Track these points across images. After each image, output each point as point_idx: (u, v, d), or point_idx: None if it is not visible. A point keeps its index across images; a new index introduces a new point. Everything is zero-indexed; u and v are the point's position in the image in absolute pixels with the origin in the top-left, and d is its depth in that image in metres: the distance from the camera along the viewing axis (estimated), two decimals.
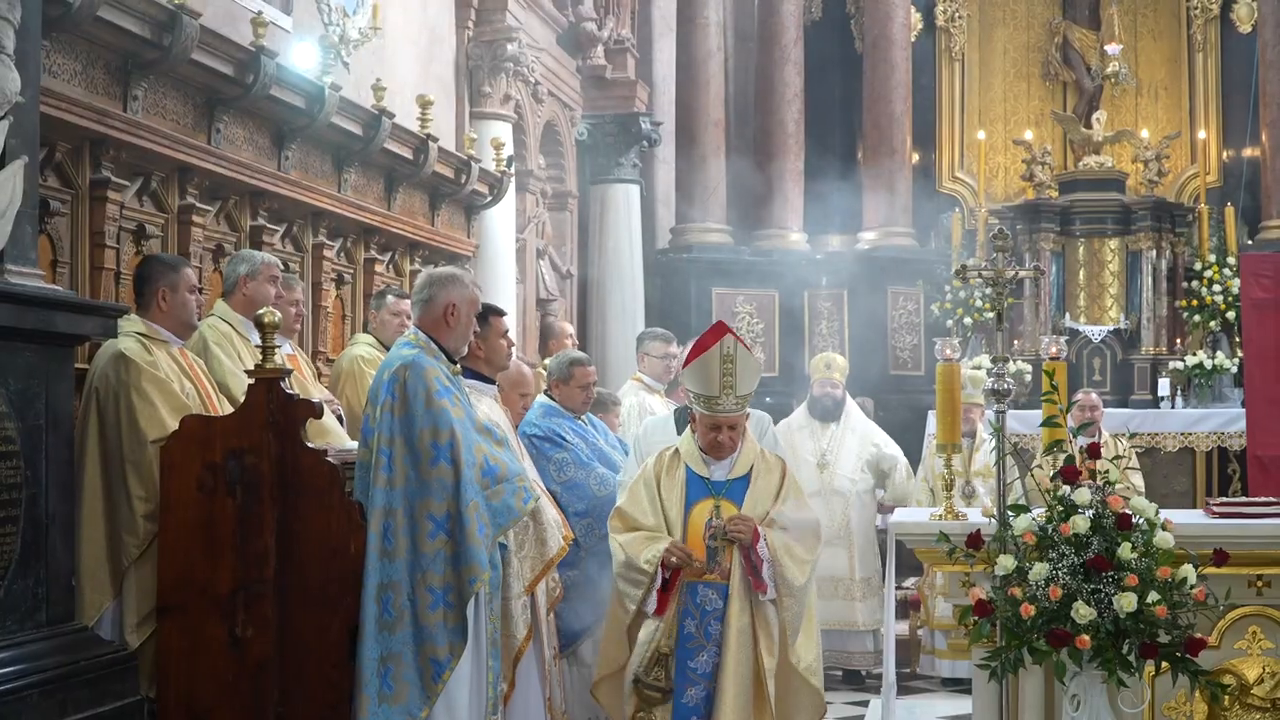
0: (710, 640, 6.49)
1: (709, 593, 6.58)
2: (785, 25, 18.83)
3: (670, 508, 6.71)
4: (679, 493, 6.74)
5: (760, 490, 6.76)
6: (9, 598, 5.11)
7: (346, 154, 11.23)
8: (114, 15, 7.91)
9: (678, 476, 6.77)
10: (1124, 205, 17.80)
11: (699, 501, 6.70)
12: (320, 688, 6.20)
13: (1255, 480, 11.37)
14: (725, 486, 6.74)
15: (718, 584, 6.56)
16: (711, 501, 6.69)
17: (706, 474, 6.75)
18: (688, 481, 6.75)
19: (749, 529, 6.50)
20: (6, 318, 5.10)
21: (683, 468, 6.78)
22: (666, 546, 6.49)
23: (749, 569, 6.52)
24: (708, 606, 6.54)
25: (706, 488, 6.73)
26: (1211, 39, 19.12)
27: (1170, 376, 17.08)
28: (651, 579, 6.49)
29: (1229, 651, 6.79)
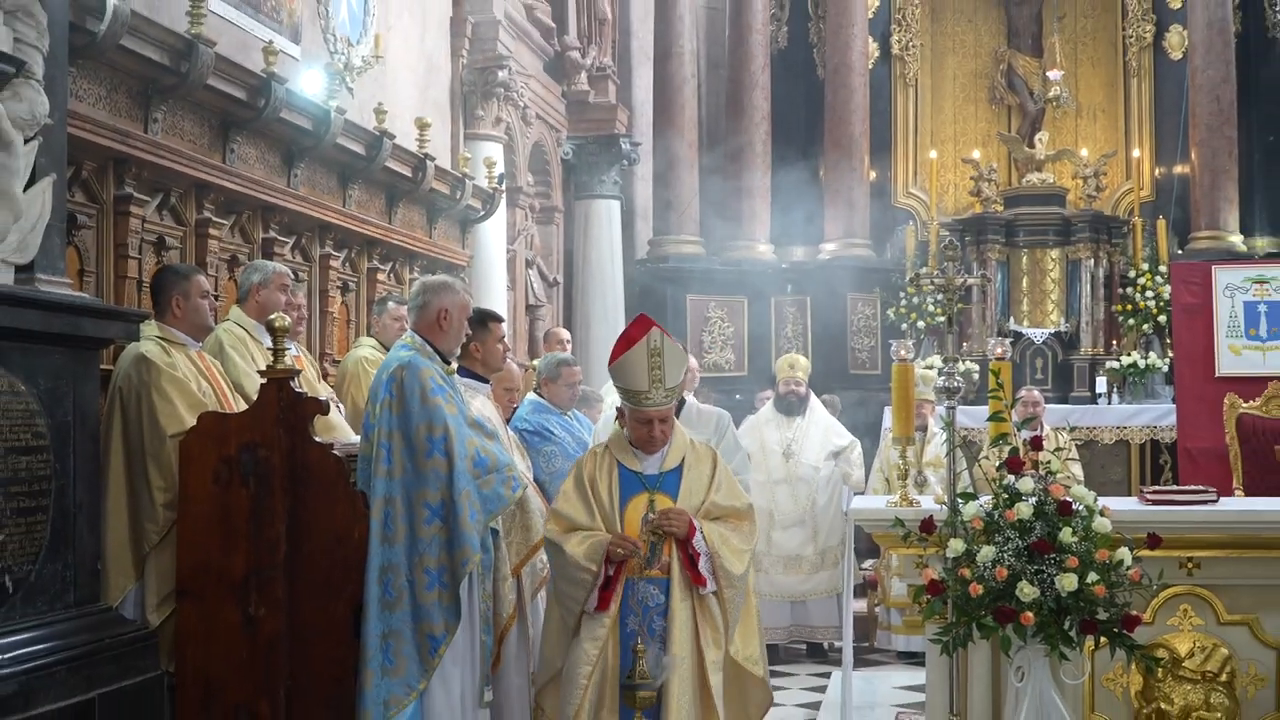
0: (654, 637, 6.01)
1: (650, 589, 6.08)
2: (753, 54, 18.82)
3: (605, 504, 6.14)
4: (613, 489, 6.19)
5: (693, 481, 6.29)
6: (40, 580, 5.10)
7: (351, 172, 11.24)
8: (135, 44, 7.91)
9: (610, 473, 6.23)
10: (1064, 218, 17.81)
11: (633, 496, 6.17)
12: (327, 663, 6.19)
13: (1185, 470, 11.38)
14: (659, 480, 6.23)
15: (658, 579, 6.07)
16: (646, 496, 6.16)
17: (639, 468, 6.22)
18: (621, 477, 6.21)
19: (683, 522, 6.05)
20: (37, 322, 5.09)
21: (614, 463, 6.24)
22: (611, 540, 5.99)
23: (686, 562, 6.09)
24: (649, 603, 6.07)
25: (640, 482, 6.20)
26: (1145, 65, 19.14)
27: (1107, 375, 17.09)
28: (595, 576, 5.96)
29: (1162, 627, 6.78)
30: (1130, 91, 19.30)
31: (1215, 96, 18.07)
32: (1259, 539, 6.78)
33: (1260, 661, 6.75)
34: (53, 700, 4.93)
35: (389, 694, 6.03)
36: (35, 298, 5.11)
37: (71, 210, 7.37)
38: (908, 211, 19.20)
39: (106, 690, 5.25)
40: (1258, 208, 18.33)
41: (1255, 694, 6.75)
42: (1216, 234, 17.92)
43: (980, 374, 15.28)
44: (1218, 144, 18.07)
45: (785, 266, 18.80)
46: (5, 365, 4.95)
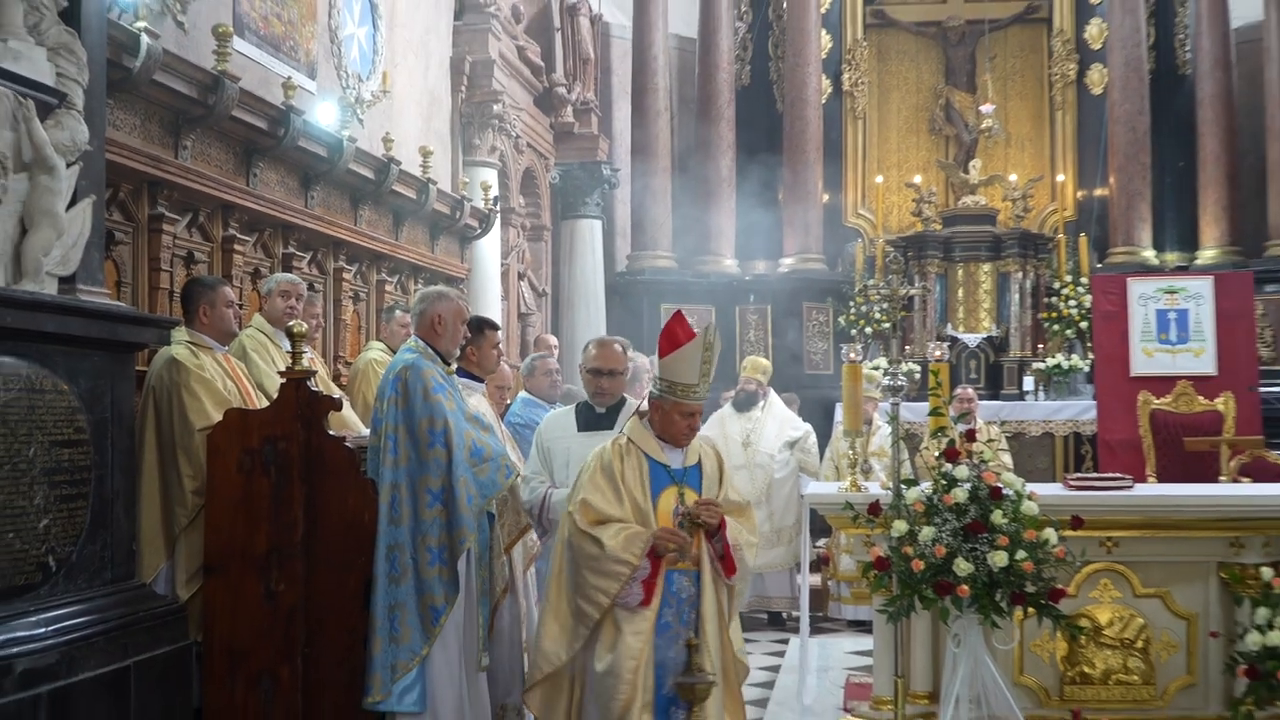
0: (686, 627, 5.57)
1: (683, 580, 5.59)
2: (720, 90, 18.85)
3: (638, 497, 5.61)
4: (644, 482, 5.65)
5: (709, 476, 5.89)
6: (80, 560, 5.06)
7: (361, 194, 11.23)
8: (167, 79, 7.89)
9: (639, 466, 5.68)
10: (995, 236, 17.82)
11: (664, 490, 5.68)
12: (340, 632, 6.16)
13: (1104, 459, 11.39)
14: (684, 474, 5.74)
15: (690, 571, 5.59)
16: (675, 489, 5.68)
17: (667, 462, 5.72)
18: (651, 470, 5.68)
19: (718, 514, 5.66)
20: (78, 328, 5.06)
21: (642, 457, 5.69)
22: (657, 534, 5.51)
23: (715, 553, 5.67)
24: (683, 594, 5.60)
25: (669, 475, 5.70)
26: (1069, 100, 19.18)
27: (1033, 375, 17.09)
28: (633, 570, 5.43)
29: (1084, 599, 6.79)
30: (1055, 123, 19.36)
31: (1131, 127, 18.13)
32: (1170, 520, 6.78)
33: (1172, 630, 6.76)
34: (92, 668, 4.90)
35: (395, 659, 6.01)
36: (77, 306, 5.08)
37: (109, 228, 7.34)
38: (857, 230, 19.20)
39: (140, 658, 5.22)
40: (1169, 226, 18.36)
41: (1168, 659, 6.76)
42: (1132, 249, 17.97)
43: (921, 374, 15.27)
44: (1133, 169, 18.14)
45: (748, 279, 18.82)
46: (49, 367, 4.92)
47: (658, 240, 18.75)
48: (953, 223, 18.06)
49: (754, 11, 19.59)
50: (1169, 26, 18.80)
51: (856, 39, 19.58)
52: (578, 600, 5.50)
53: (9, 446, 4.67)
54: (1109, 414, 11.42)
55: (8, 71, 4.72)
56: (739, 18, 19.44)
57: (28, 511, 4.76)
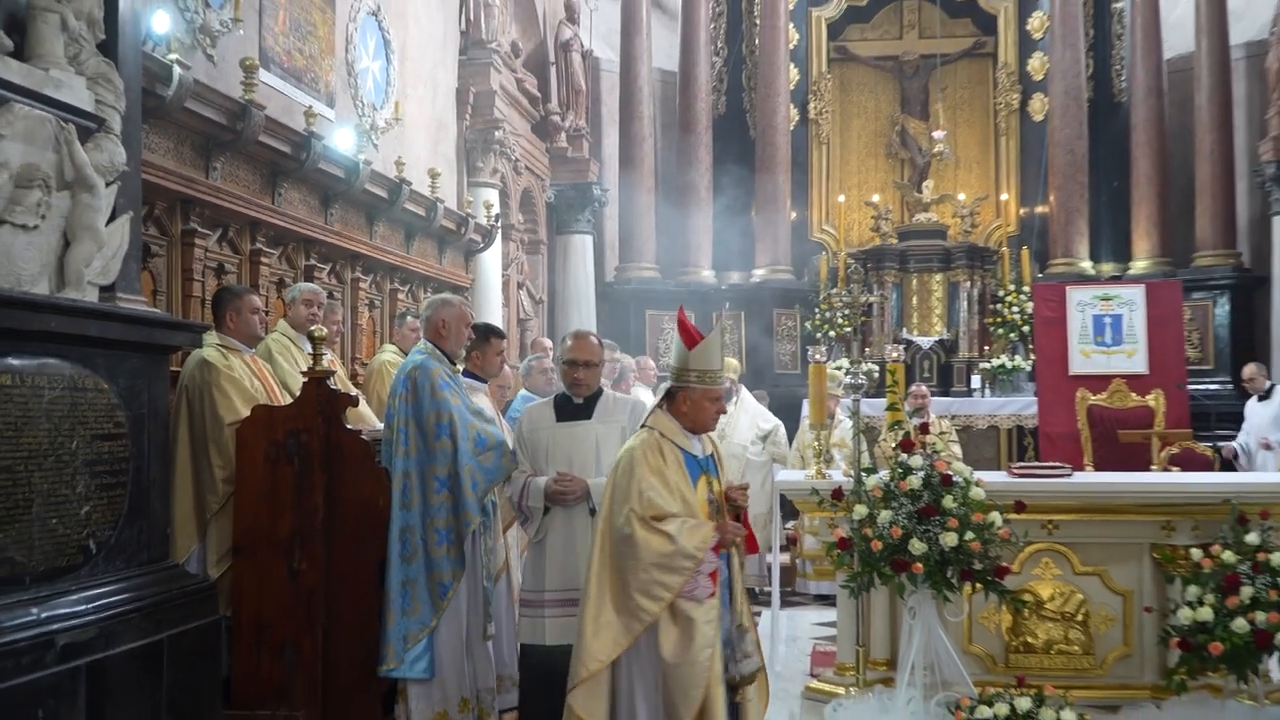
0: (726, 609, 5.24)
1: (721, 564, 5.24)
2: (699, 118, 18.83)
3: (683, 489, 5.21)
4: (684, 473, 5.26)
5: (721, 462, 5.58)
6: (119, 543, 5.03)
7: (376, 212, 11.22)
8: (198, 106, 7.88)
9: (676, 459, 5.28)
10: (946, 249, 17.80)
11: (699, 479, 5.31)
12: (356, 607, 6.15)
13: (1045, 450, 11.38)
14: (707, 461, 5.42)
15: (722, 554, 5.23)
16: (705, 477, 5.34)
17: (696, 452, 5.38)
18: (685, 461, 5.30)
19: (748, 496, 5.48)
20: (118, 333, 5.03)
21: (676, 449, 5.30)
22: (719, 526, 5.19)
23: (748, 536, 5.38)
24: (720, 578, 5.23)
25: (698, 465, 5.35)
26: (1012, 126, 19.18)
27: (980, 374, 17.09)
28: (700, 564, 5.05)
29: (1027, 576, 6.77)
30: (1000, 147, 19.36)
31: (1070, 150, 18.14)
32: (1106, 505, 6.77)
33: (1110, 605, 6.75)
34: (129, 641, 4.87)
35: (407, 630, 6.02)
36: (116, 312, 5.05)
37: (146, 241, 7.32)
38: (821, 244, 19.18)
39: (173, 632, 5.19)
40: (1104, 239, 18.37)
41: (1106, 631, 6.74)
42: (1070, 261, 17.96)
43: (879, 373, 15.23)
44: (1071, 188, 18.13)
45: (724, 288, 18.79)
46: (91, 367, 4.89)
47: (642, 253, 18.74)
48: (907, 237, 18.05)
49: (729, 47, 19.57)
50: (1106, 58, 18.81)
51: (821, 72, 19.57)
52: (637, 598, 5.04)
53: (54, 440, 4.64)
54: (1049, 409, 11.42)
55: (51, 98, 4.70)
56: (716, 53, 19.42)
57: (70, 499, 4.73)
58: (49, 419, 4.62)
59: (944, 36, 19.30)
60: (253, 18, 9.55)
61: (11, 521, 4.41)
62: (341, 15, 11.21)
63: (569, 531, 5.98)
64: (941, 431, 11.58)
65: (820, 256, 18.83)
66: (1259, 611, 6.08)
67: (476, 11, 14.50)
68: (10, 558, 4.40)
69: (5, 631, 4.27)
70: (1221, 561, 6.26)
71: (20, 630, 4.33)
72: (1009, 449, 15.92)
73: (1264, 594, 6.11)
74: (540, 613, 5.98)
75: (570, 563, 5.91)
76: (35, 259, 4.65)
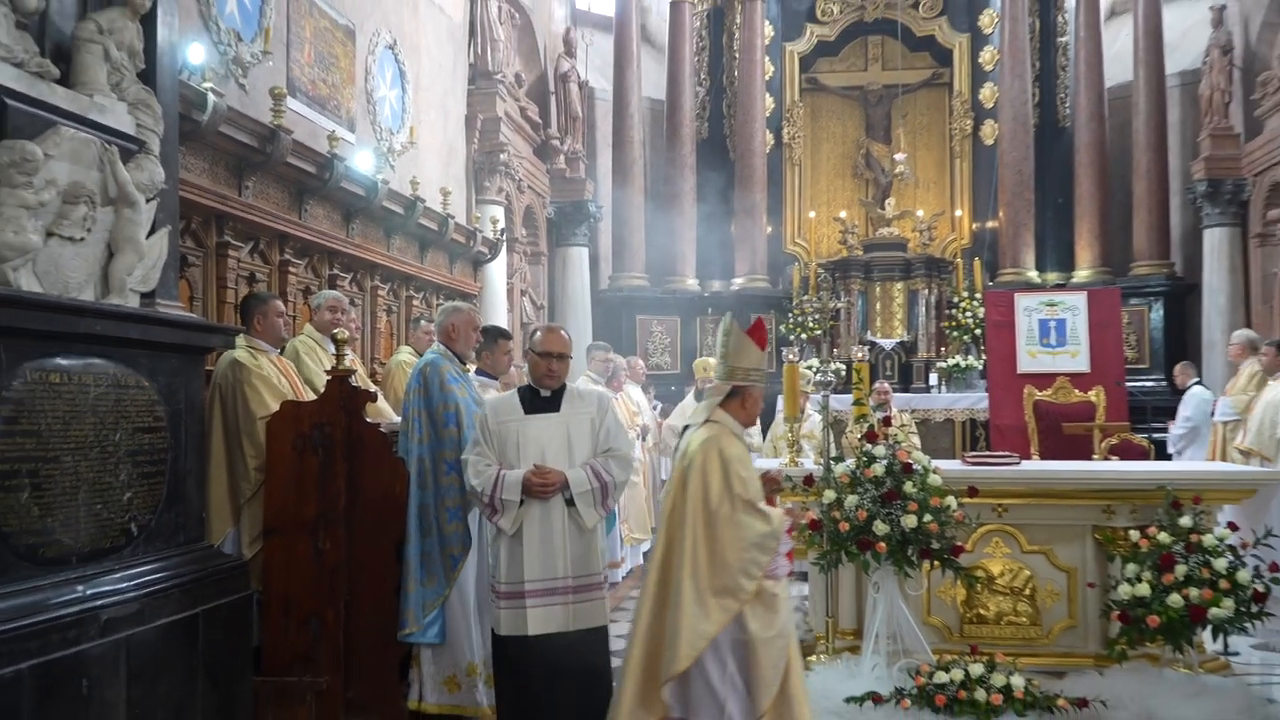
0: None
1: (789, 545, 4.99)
2: (684, 141, 18.84)
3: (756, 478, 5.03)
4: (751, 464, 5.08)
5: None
6: (158, 526, 4.99)
7: (393, 226, 11.21)
8: (231, 130, 7.87)
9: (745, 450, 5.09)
10: (906, 260, 17.80)
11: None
12: (375, 583, 6.11)
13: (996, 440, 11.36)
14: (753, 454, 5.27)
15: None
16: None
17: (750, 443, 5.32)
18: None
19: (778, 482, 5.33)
20: (158, 335, 5.00)
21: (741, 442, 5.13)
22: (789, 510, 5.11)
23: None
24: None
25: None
26: (966, 149, 19.19)
27: (937, 372, 17.11)
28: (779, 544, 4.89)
29: (980, 554, 6.75)
30: (954, 168, 19.37)
31: (1018, 171, 18.17)
32: (1051, 490, 6.75)
33: (1055, 581, 6.73)
34: (167, 615, 4.84)
35: (424, 598, 6.02)
36: (156, 317, 5.01)
37: (183, 253, 7.30)
38: (794, 255, 19.18)
39: (208, 606, 5.15)
40: (1049, 251, 18.40)
41: (1052, 605, 6.73)
42: (1018, 270, 18.00)
43: (846, 372, 15.20)
44: (1019, 205, 18.17)
45: (706, 295, 18.81)
46: (133, 367, 4.85)
47: (633, 263, 18.76)
48: (871, 249, 18.05)
49: (711, 78, 19.56)
50: (1051, 87, 18.83)
51: (794, 101, 19.56)
52: (739, 578, 4.80)
53: (99, 433, 4.61)
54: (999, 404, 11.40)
55: (95, 122, 4.66)
56: (699, 84, 19.42)
57: (114, 486, 4.69)
58: (94, 413, 4.58)
59: (904, 69, 19.34)
60: (281, 50, 9.53)
61: (60, 507, 4.38)
62: (361, 48, 11.18)
63: (547, 522, 5.47)
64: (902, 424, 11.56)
65: (793, 266, 18.85)
66: (1192, 588, 6.07)
67: (484, 45, 14.51)
68: (58, 540, 4.37)
69: (53, 607, 4.23)
70: (1157, 542, 6.25)
71: (67, 606, 4.30)
72: (963, 440, 15.94)
73: (1196, 572, 6.10)
74: (520, 604, 5.42)
75: (549, 553, 5.44)
76: (82, 268, 4.62)
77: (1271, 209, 15.82)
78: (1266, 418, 10.16)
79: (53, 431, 4.34)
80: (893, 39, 19.22)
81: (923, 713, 6.07)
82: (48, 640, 4.15)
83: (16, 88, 4.29)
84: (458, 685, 6.12)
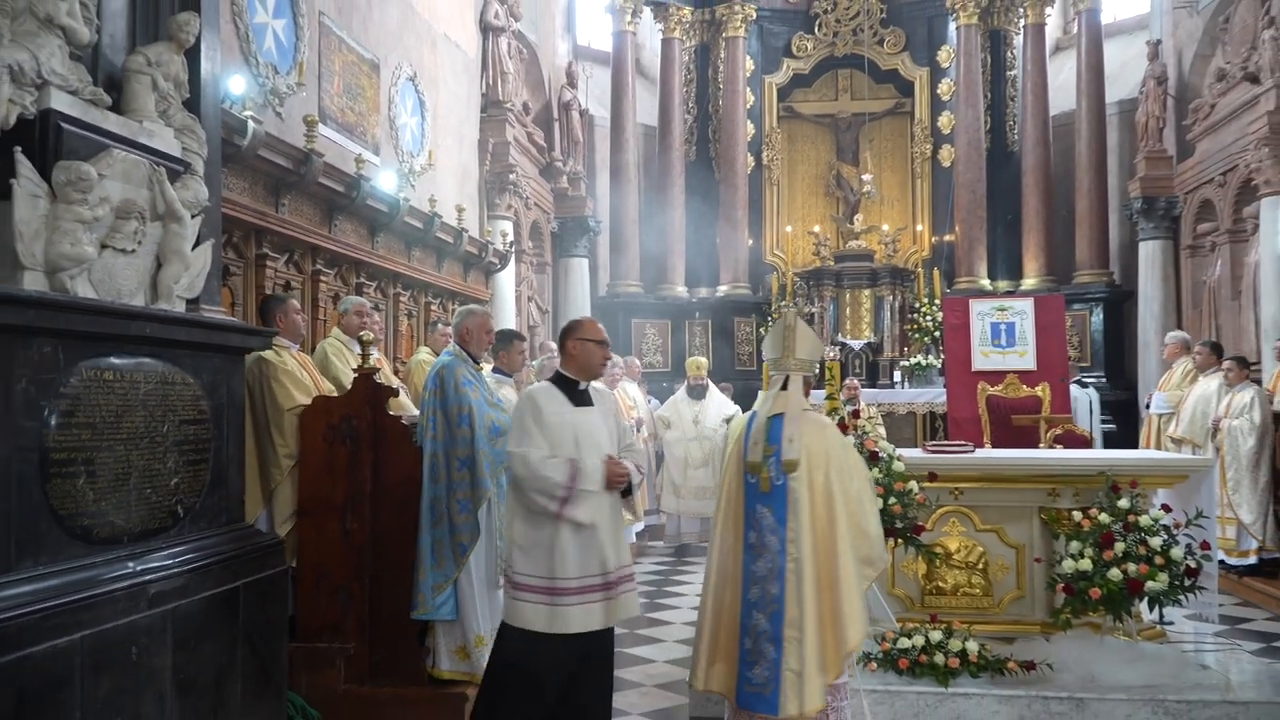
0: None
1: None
2: (674, 163, 18.85)
3: None
4: None
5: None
6: (202, 508, 4.97)
7: (413, 239, 11.19)
8: (268, 154, 7.85)
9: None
10: (873, 270, 17.82)
11: None
12: (397, 559, 6.10)
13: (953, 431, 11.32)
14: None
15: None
16: None
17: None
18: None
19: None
20: (202, 337, 4.97)
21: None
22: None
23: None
24: None
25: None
26: (926, 171, 19.21)
27: (901, 370, 17.13)
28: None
29: (938, 533, 6.73)
30: (915, 187, 19.39)
31: (972, 190, 18.20)
32: (1002, 475, 6.74)
33: (1005, 556, 6.71)
34: (211, 588, 4.81)
35: (435, 581, 5.98)
36: (200, 321, 4.99)
37: (225, 263, 7.28)
38: (773, 265, 19.19)
39: (248, 580, 5.12)
40: (1000, 261, 18.42)
41: (1003, 578, 6.71)
42: (972, 279, 18.03)
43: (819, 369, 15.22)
44: (973, 221, 18.19)
45: (694, 300, 18.80)
46: (179, 365, 4.82)
47: (629, 272, 18.75)
48: (842, 260, 18.07)
49: (698, 107, 19.55)
50: (1001, 116, 18.85)
51: (772, 127, 19.56)
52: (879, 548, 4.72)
53: (149, 425, 4.58)
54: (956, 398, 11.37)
55: (144, 145, 4.64)
56: (687, 112, 19.42)
57: (162, 473, 4.67)
58: (144, 407, 4.56)
59: (871, 99, 19.35)
60: (313, 82, 9.52)
61: (114, 491, 4.35)
62: (385, 80, 11.17)
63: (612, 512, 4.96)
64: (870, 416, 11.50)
65: (772, 275, 18.86)
66: (1130, 563, 6.06)
67: (495, 78, 14.51)
68: (111, 521, 4.34)
69: (106, 582, 4.21)
70: (1098, 522, 6.24)
71: (118, 581, 4.27)
72: (924, 430, 15.96)
73: (1134, 549, 6.10)
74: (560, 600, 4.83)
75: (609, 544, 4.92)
76: (133, 277, 4.59)
77: (1201, 224, 15.85)
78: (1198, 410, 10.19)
79: (106, 424, 4.32)
80: (861, 72, 19.23)
81: (887, 675, 6.06)
82: (100, 612, 4.13)
83: (72, 113, 4.28)
84: (466, 655, 6.11)
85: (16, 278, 4.00)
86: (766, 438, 4.79)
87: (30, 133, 4.11)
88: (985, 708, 5.90)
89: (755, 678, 4.53)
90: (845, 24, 19.47)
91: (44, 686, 3.81)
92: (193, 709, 4.66)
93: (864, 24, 19.25)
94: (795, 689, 4.45)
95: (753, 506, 4.74)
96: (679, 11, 19.16)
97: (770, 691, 4.47)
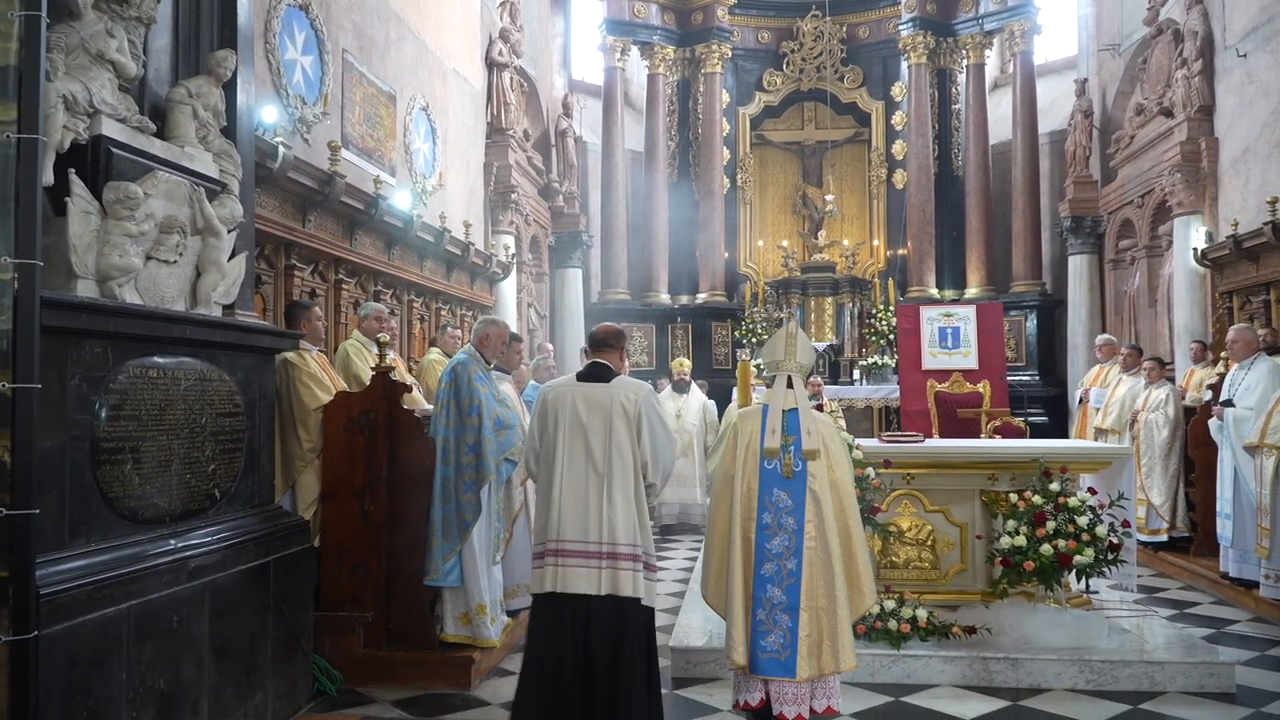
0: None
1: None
2: (658, 185, 18.82)
3: None
4: None
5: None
6: (237, 492, 4.95)
7: (425, 252, 11.15)
8: (296, 175, 7.82)
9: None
10: (835, 280, 17.85)
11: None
12: (410, 538, 6.09)
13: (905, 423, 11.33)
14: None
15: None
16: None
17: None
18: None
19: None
20: (236, 339, 4.96)
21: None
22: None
23: None
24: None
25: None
26: (881, 192, 19.22)
27: (859, 369, 17.14)
28: None
29: (892, 513, 6.72)
30: (872, 207, 19.38)
31: (922, 210, 18.21)
32: (948, 462, 6.74)
33: (951, 534, 6.71)
34: (244, 562, 4.80)
35: (444, 551, 6.00)
36: (235, 324, 4.97)
37: (258, 273, 7.25)
38: (746, 275, 19.17)
39: (278, 555, 5.11)
40: (946, 273, 18.43)
41: (948, 553, 6.70)
42: (922, 289, 18.03)
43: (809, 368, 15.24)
44: (923, 237, 18.20)
45: (676, 307, 18.78)
46: (216, 364, 4.81)
47: (618, 281, 18.72)
48: (807, 271, 18.08)
49: (680, 135, 19.54)
50: (948, 144, 18.86)
51: (746, 153, 19.57)
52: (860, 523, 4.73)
53: (189, 417, 4.57)
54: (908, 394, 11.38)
55: (185, 168, 4.63)
56: (670, 139, 19.39)
57: (201, 460, 4.65)
58: (185, 401, 4.54)
59: (833, 128, 19.35)
60: (337, 112, 9.48)
61: (157, 477, 4.33)
62: (401, 110, 11.14)
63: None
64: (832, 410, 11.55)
65: (746, 284, 18.84)
66: (1060, 540, 6.09)
67: (498, 108, 14.48)
68: (155, 503, 4.32)
69: (151, 558, 4.19)
70: (1032, 503, 6.26)
71: (161, 557, 4.26)
72: (880, 422, 15.96)
73: (1064, 527, 6.12)
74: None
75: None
76: (175, 285, 4.57)
77: (1122, 240, 15.94)
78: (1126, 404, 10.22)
79: (150, 416, 4.30)
80: (824, 104, 19.24)
81: None
82: (145, 584, 4.11)
83: (121, 139, 4.27)
84: (469, 621, 6.13)
85: (71, 285, 3.99)
86: (784, 428, 4.71)
87: (83, 156, 4.10)
88: (932, 667, 5.92)
89: (769, 645, 4.47)
90: (810, 62, 19.50)
91: (95, 651, 3.80)
92: (228, 671, 4.65)
93: (826, 62, 19.28)
94: (814, 654, 4.44)
95: (769, 490, 4.61)
96: (663, 50, 19.16)
97: (787, 656, 4.43)
